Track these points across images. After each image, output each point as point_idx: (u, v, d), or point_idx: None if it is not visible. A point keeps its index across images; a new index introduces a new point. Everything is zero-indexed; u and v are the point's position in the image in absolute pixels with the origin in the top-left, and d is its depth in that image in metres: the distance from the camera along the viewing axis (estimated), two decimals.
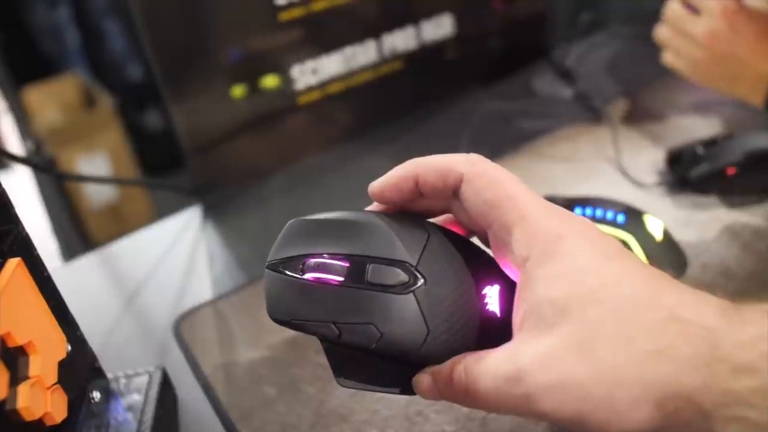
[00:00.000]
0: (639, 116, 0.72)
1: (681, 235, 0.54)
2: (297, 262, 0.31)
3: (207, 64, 0.65)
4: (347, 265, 0.31)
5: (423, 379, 0.31)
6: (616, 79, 0.80)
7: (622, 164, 0.64)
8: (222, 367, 0.50)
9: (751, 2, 0.60)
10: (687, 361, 0.25)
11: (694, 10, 0.63)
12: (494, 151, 0.69)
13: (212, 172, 0.70)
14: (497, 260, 0.32)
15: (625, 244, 0.51)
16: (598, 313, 0.27)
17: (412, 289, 0.30)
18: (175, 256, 0.63)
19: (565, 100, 0.77)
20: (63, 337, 0.38)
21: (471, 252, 0.33)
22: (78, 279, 0.62)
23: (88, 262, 0.65)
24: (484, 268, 0.32)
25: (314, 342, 0.50)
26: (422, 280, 0.31)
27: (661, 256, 0.51)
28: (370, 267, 0.31)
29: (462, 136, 0.69)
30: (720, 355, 0.25)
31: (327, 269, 0.31)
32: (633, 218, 0.52)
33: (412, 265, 0.31)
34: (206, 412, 0.47)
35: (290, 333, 0.51)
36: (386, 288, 0.30)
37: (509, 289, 0.32)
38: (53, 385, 0.36)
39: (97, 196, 1.73)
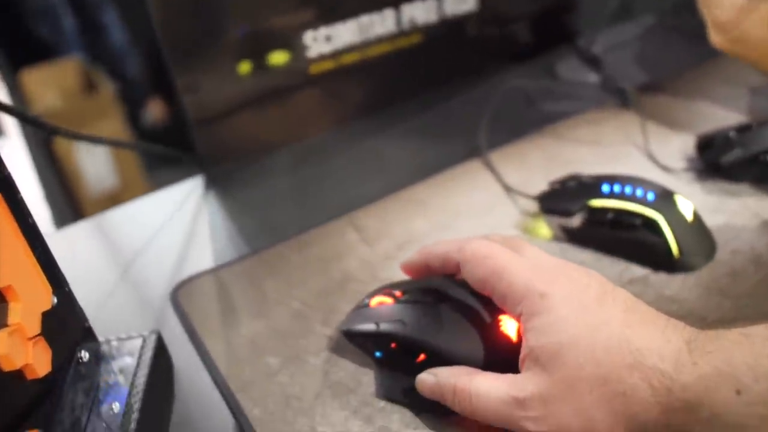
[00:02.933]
0: (668, 104, 0.69)
1: (710, 222, 0.51)
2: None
3: (216, 34, 0.62)
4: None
5: (426, 377, 0.38)
6: (643, 67, 0.77)
7: (649, 149, 0.61)
8: (221, 336, 0.46)
9: None
10: (648, 400, 0.32)
11: None
12: (516, 133, 0.65)
13: (218, 146, 0.66)
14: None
15: (654, 222, 0.48)
16: (578, 357, 0.33)
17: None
18: (175, 225, 0.60)
19: (591, 84, 0.74)
20: (48, 287, 0.35)
21: None
22: (71, 246, 0.59)
23: (82, 229, 0.61)
24: None
25: (319, 313, 0.47)
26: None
27: (689, 238, 0.48)
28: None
29: (483, 116, 0.65)
30: (674, 394, 0.31)
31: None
32: (663, 197, 0.49)
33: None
34: (204, 382, 0.43)
35: (295, 304, 0.48)
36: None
37: None
38: (36, 336, 0.32)
39: (97, 184, 1.70)
